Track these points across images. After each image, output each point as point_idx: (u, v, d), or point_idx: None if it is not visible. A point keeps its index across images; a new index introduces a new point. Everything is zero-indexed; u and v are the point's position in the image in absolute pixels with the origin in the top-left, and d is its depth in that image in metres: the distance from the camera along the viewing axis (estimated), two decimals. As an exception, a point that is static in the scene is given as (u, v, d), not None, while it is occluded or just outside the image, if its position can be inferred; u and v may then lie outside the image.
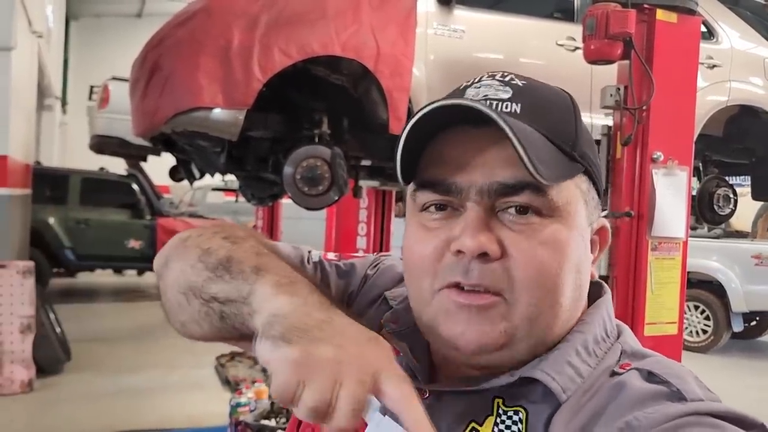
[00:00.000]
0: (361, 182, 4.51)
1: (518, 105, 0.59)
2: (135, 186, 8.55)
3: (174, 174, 5.37)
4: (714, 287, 6.86)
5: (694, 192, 4.42)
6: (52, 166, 9.99)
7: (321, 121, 3.54)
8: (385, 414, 0.62)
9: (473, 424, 0.58)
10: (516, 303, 0.57)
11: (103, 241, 8.19)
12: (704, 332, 6.93)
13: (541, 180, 0.54)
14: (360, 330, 0.53)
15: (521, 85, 0.61)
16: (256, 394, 3.45)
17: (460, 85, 0.63)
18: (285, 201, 6.01)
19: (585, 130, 0.62)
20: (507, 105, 0.59)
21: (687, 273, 2.79)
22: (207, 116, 3.23)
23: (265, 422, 3.10)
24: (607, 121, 2.82)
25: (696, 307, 6.95)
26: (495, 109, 0.58)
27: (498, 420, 0.58)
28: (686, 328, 6.76)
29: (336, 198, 3.51)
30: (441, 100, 0.57)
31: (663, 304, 2.66)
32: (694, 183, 4.48)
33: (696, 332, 6.95)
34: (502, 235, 0.57)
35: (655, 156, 2.62)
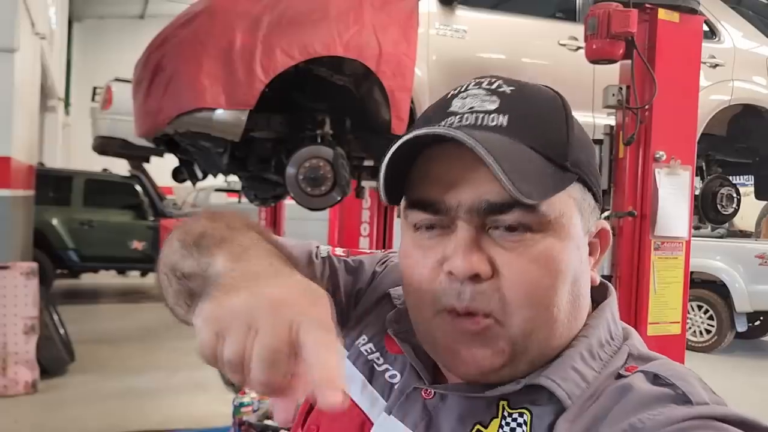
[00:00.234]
0: (364, 182, 4.52)
1: (505, 117, 0.57)
2: (138, 187, 8.56)
3: (177, 175, 5.37)
4: (718, 287, 6.84)
5: (697, 191, 4.41)
6: (55, 168, 10.00)
7: (323, 122, 3.54)
8: (390, 413, 0.62)
9: (478, 426, 0.58)
10: (510, 323, 0.56)
11: (107, 242, 8.20)
12: (708, 332, 6.91)
13: (525, 200, 0.53)
14: (297, 281, 0.51)
15: (509, 93, 0.59)
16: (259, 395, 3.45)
17: (448, 94, 0.62)
18: (288, 202, 6.01)
19: (577, 133, 0.60)
20: (493, 118, 0.57)
21: (690, 273, 2.79)
22: (210, 117, 3.23)
23: (269, 422, 3.10)
24: (610, 121, 2.82)
25: (700, 307, 6.94)
26: (480, 124, 0.57)
27: (503, 422, 0.57)
28: (690, 328, 6.75)
29: (338, 198, 3.51)
30: (418, 130, 0.56)
31: (666, 304, 2.65)
32: (697, 182, 4.47)
33: (700, 332, 6.93)
34: (493, 254, 0.56)
35: (658, 155, 2.62)
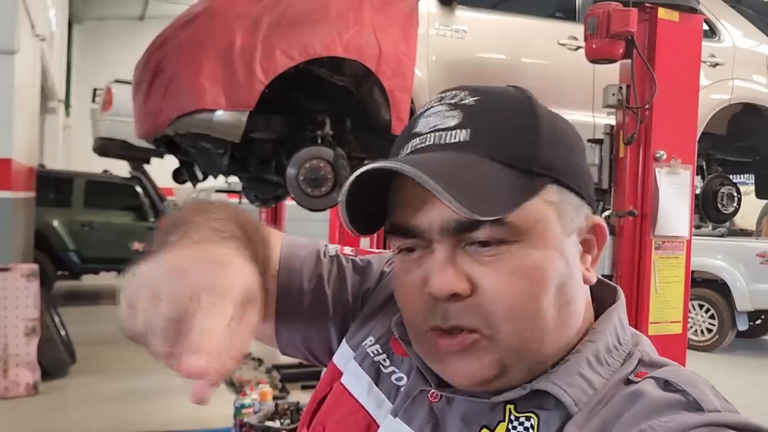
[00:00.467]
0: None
1: (467, 131, 0.57)
2: (138, 188, 8.56)
3: (177, 176, 5.38)
4: (719, 286, 6.84)
5: (698, 190, 4.41)
6: (56, 169, 10.00)
7: (323, 122, 3.55)
8: (396, 416, 0.62)
9: (485, 430, 0.58)
10: (496, 336, 0.56)
11: (108, 244, 8.20)
12: (709, 331, 6.91)
13: (481, 218, 0.52)
14: (205, 250, 0.51)
15: (472, 104, 0.58)
16: (261, 396, 3.45)
17: (417, 113, 0.62)
18: (288, 202, 6.01)
19: (548, 134, 0.58)
20: (454, 134, 0.57)
21: (691, 272, 2.79)
22: (210, 118, 3.24)
23: (270, 423, 3.10)
24: (610, 120, 2.82)
25: (701, 306, 6.94)
26: (441, 143, 0.57)
27: (510, 426, 0.57)
28: (691, 327, 6.74)
29: (339, 199, 3.51)
30: (364, 167, 0.56)
31: (667, 303, 2.65)
32: (698, 181, 4.47)
33: (701, 331, 6.93)
34: (471, 271, 0.56)
35: (658, 155, 2.62)
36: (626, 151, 2.66)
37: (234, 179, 5.30)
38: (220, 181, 6.62)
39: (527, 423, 0.57)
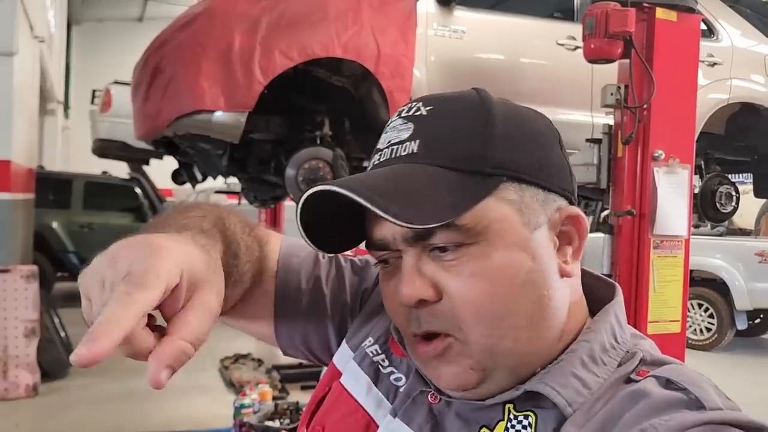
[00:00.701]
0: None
1: (416, 142, 0.58)
2: (138, 189, 8.56)
3: (176, 177, 5.38)
4: (717, 285, 6.84)
5: (696, 190, 4.42)
6: (55, 171, 10.00)
7: (322, 123, 3.55)
8: (396, 416, 0.63)
9: (484, 429, 0.58)
10: (468, 339, 0.56)
11: (107, 245, 8.11)
12: (708, 330, 6.91)
13: (418, 226, 0.53)
14: (156, 236, 0.53)
15: (425, 115, 0.60)
16: (260, 396, 3.45)
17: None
18: (287, 203, 6.02)
19: (502, 132, 0.58)
20: (406, 146, 0.59)
21: (690, 271, 2.79)
22: (209, 119, 3.24)
23: (269, 423, 3.11)
24: (608, 120, 2.83)
25: (700, 305, 6.94)
26: (394, 157, 0.59)
27: (509, 425, 0.57)
28: (690, 327, 6.75)
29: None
30: (307, 192, 0.57)
31: (666, 303, 2.66)
32: (696, 181, 4.48)
33: (700, 330, 6.94)
34: (437, 277, 0.57)
35: (657, 154, 2.62)
36: (624, 151, 2.66)
37: (233, 180, 5.30)
38: (219, 182, 6.63)
39: (525, 421, 0.57)
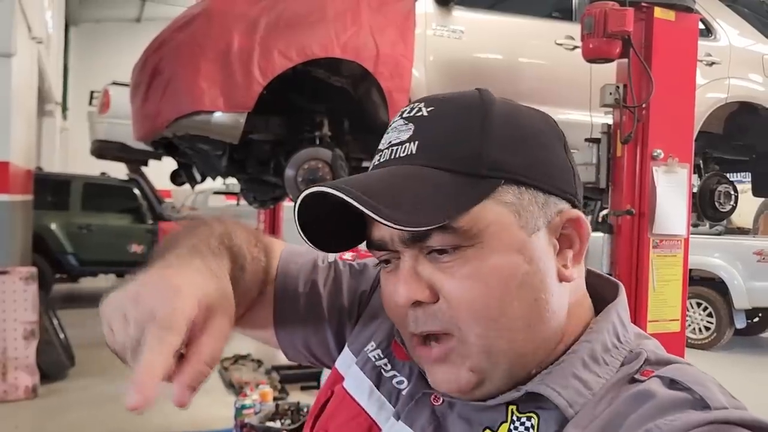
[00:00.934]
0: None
1: (415, 143, 0.58)
2: (136, 190, 8.55)
3: (175, 178, 5.38)
4: (716, 284, 6.85)
5: (695, 189, 4.42)
6: (54, 172, 9.98)
7: (322, 123, 3.55)
8: (399, 419, 0.63)
9: (487, 431, 0.59)
10: (466, 340, 0.57)
11: (106, 246, 8.19)
12: (707, 329, 6.92)
13: (410, 229, 0.53)
14: (173, 274, 0.55)
15: (426, 116, 0.59)
16: (261, 396, 3.45)
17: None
18: (287, 203, 6.02)
19: (500, 133, 0.58)
20: (405, 147, 0.59)
21: (689, 270, 2.79)
22: (208, 120, 3.24)
23: (270, 424, 3.11)
24: (607, 120, 2.83)
25: (699, 304, 6.95)
26: (393, 158, 0.59)
27: (512, 426, 0.58)
28: (689, 326, 6.75)
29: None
30: (303, 192, 0.58)
31: (665, 302, 2.66)
32: (695, 180, 4.48)
33: (699, 329, 6.95)
34: (433, 279, 0.57)
35: (656, 154, 2.63)
36: (623, 150, 2.67)
37: (232, 180, 5.30)
38: (218, 183, 6.62)
39: (528, 423, 0.57)
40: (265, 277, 0.77)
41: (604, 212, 2.77)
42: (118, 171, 8.84)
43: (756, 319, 7.41)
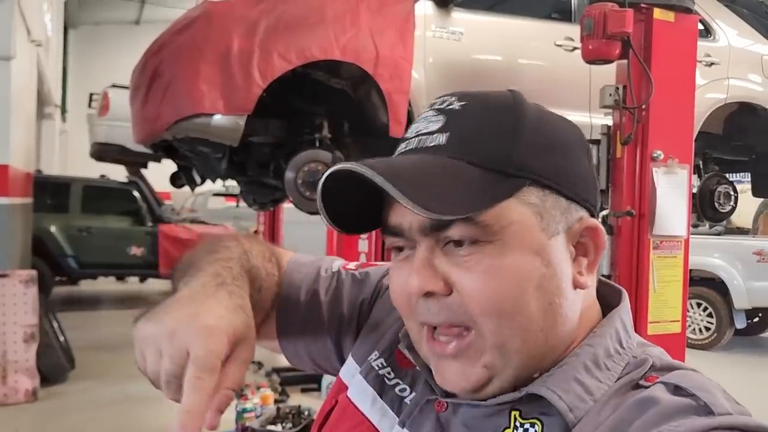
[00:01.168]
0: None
1: (445, 135, 0.58)
2: (136, 193, 8.55)
3: (175, 180, 5.37)
4: (716, 284, 6.85)
5: (695, 190, 4.42)
6: (53, 174, 9.98)
7: (321, 126, 3.55)
8: (404, 426, 0.63)
9: None
10: (482, 333, 0.57)
11: (105, 249, 8.19)
12: (707, 329, 6.92)
13: (435, 216, 0.53)
14: (204, 312, 0.57)
15: (457, 109, 0.59)
16: (262, 400, 3.45)
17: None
18: (286, 205, 6.02)
19: (531, 137, 0.58)
20: (433, 138, 0.59)
21: (689, 270, 2.80)
22: (208, 122, 3.24)
23: (271, 427, 3.11)
24: (607, 121, 2.83)
25: (699, 305, 6.95)
26: (419, 147, 0.59)
27: None
28: (689, 326, 6.75)
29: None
30: (329, 170, 0.58)
31: (666, 303, 2.66)
32: (695, 181, 4.48)
33: (699, 330, 6.95)
34: (448, 271, 0.57)
35: (655, 155, 2.63)
36: (623, 152, 2.67)
37: (232, 182, 5.30)
38: (218, 185, 6.63)
39: (531, 430, 0.57)
40: (278, 290, 0.79)
41: (604, 213, 2.77)
42: (118, 173, 8.84)
43: (756, 319, 7.41)
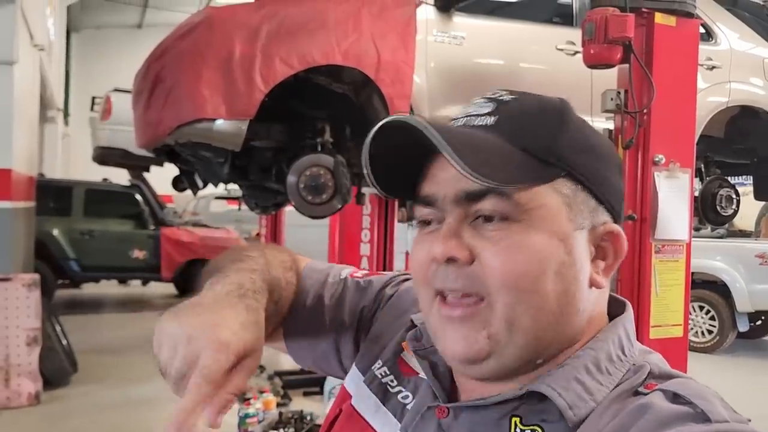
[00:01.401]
0: (364, 189, 4.53)
1: (493, 118, 0.61)
2: (138, 196, 8.57)
3: (177, 184, 5.39)
4: (719, 287, 6.84)
5: (697, 193, 4.42)
6: (56, 178, 10.01)
7: (323, 130, 3.56)
8: None
9: None
10: (494, 306, 0.58)
11: (108, 252, 8.20)
12: (710, 332, 6.91)
13: (483, 181, 0.55)
14: (222, 324, 0.61)
15: (507, 100, 0.63)
16: (264, 405, 3.45)
17: None
18: (288, 209, 6.03)
19: (575, 137, 0.61)
20: (482, 119, 0.61)
21: (691, 273, 2.79)
22: (210, 127, 3.25)
23: (273, 432, 3.11)
24: (608, 125, 2.83)
25: (701, 308, 6.94)
26: (467, 125, 0.61)
27: None
28: (691, 329, 6.74)
29: (339, 206, 3.53)
30: (381, 122, 0.60)
31: (668, 307, 2.66)
32: (697, 184, 4.48)
33: (701, 333, 6.94)
34: (473, 243, 0.59)
35: (657, 159, 2.63)
36: (625, 156, 2.67)
37: (234, 186, 5.31)
38: (220, 188, 6.64)
39: None
40: (294, 297, 0.82)
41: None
42: (120, 177, 8.86)
43: (759, 322, 7.40)
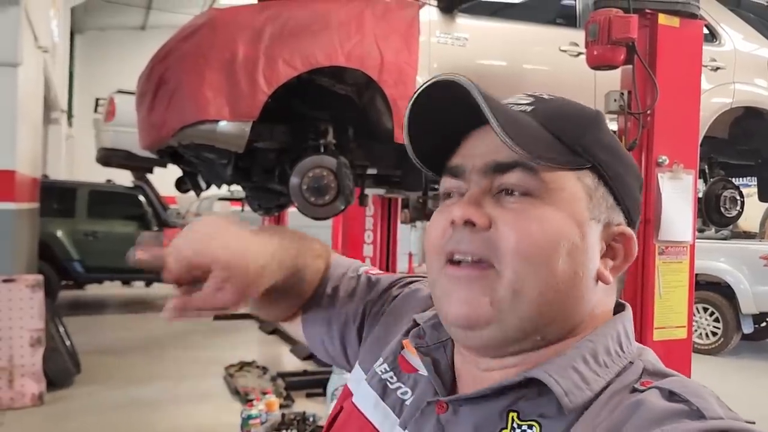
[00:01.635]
0: (367, 190, 4.54)
1: (531, 107, 0.64)
2: (142, 197, 8.58)
3: (180, 185, 5.39)
4: (723, 289, 6.82)
5: (700, 194, 4.41)
6: (60, 179, 10.02)
7: (326, 131, 3.56)
8: (405, 428, 0.64)
9: None
10: (502, 272, 0.59)
11: (111, 253, 8.20)
12: (714, 334, 6.89)
13: (516, 148, 0.57)
14: (239, 239, 0.71)
15: (546, 98, 0.66)
16: (267, 406, 3.45)
17: None
18: (291, 210, 6.03)
19: (603, 137, 0.64)
20: (520, 106, 0.64)
21: (695, 275, 2.78)
22: (213, 129, 3.25)
23: (276, 433, 3.11)
24: (612, 126, 2.83)
25: (705, 309, 6.92)
26: (503, 105, 0.63)
27: None
28: (695, 331, 6.72)
29: (342, 207, 3.53)
30: (437, 77, 0.62)
31: (671, 308, 2.65)
32: (700, 185, 4.47)
33: (705, 334, 6.91)
34: (494, 212, 0.61)
35: (661, 160, 2.62)
36: (629, 157, 2.66)
37: (237, 187, 5.32)
38: (223, 189, 6.65)
39: (529, 431, 0.58)
40: (319, 284, 0.90)
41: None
42: (124, 178, 8.87)
43: (763, 324, 7.36)
